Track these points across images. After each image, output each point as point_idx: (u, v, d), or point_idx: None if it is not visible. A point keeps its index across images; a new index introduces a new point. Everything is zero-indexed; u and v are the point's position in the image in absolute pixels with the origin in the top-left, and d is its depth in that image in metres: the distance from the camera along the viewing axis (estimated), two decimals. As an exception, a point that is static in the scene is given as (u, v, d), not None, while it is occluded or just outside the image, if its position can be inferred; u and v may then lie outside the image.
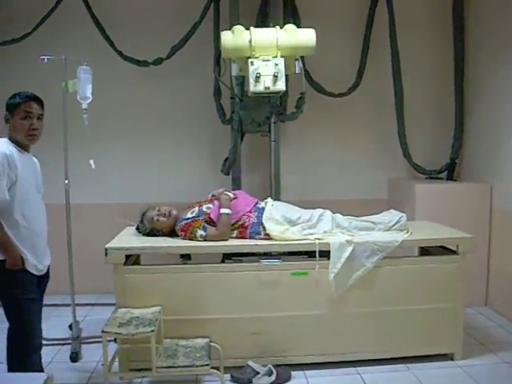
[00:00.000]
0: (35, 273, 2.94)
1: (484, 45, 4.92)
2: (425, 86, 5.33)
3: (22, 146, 2.94)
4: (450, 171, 5.20)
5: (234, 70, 3.73)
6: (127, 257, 3.55)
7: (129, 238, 3.76)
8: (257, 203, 3.80)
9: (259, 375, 3.42)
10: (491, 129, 4.80)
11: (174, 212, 3.74)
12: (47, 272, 3.13)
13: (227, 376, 3.46)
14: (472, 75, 5.10)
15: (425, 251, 4.03)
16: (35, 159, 3.12)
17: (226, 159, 4.77)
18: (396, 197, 5.26)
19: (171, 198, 4.69)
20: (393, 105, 5.07)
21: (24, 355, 2.89)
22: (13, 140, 2.91)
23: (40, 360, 3.02)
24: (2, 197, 2.75)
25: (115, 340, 3.45)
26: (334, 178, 5.33)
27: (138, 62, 4.84)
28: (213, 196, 3.87)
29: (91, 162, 3.76)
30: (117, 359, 3.42)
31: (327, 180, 5.33)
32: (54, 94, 3.92)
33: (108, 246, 3.47)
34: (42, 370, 2.99)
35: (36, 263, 2.93)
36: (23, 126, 2.88)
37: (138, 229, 3.84)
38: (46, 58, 3.98)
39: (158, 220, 3.71)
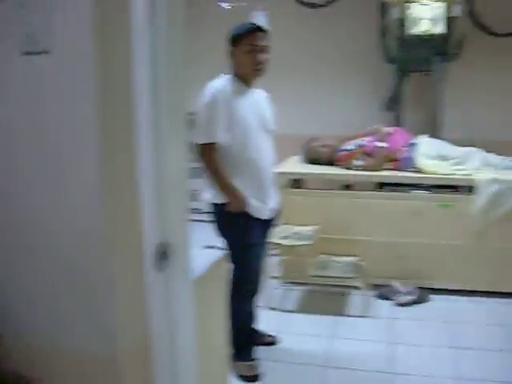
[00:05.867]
0: (259, 217, 2.82)
1: None
2: None
3: (247, 82, 2.80)
4: None
5: (395, 13, 3.94)
6: (294, 181, 4.04)
7: (293, 165, 4.25)
8: (411, 139, 4.04)
9: (401, 294, 3.78)
10: None
11: (334, 143, 4.13)
12: (273, 216, 2.99)
13: (371, 292, 3.84)
14: None
15: None
16: (262, 94, 2.99)
17: (389, 97, 4.99)
18: None
19: (334, 130, 4.83)
20: None
21: (239, 299, 2.82)
22: (238, 75, 2.78)
23: (254, 305, 3.03)
24: (212, 139, 2.67)
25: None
26: (496, 117, 5.23)
27: (307, 5, 5.14)
28: (371, 130, 4.15)
29: None
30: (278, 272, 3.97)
31: (489, 119, 5.22)
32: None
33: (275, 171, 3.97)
34: (254, 316, 3.06)
35: (260, 207, 2.81)
36: (248, 60, 2.72)
37: (303, 157, 4.29)
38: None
39: (319, 150, 4.14)
